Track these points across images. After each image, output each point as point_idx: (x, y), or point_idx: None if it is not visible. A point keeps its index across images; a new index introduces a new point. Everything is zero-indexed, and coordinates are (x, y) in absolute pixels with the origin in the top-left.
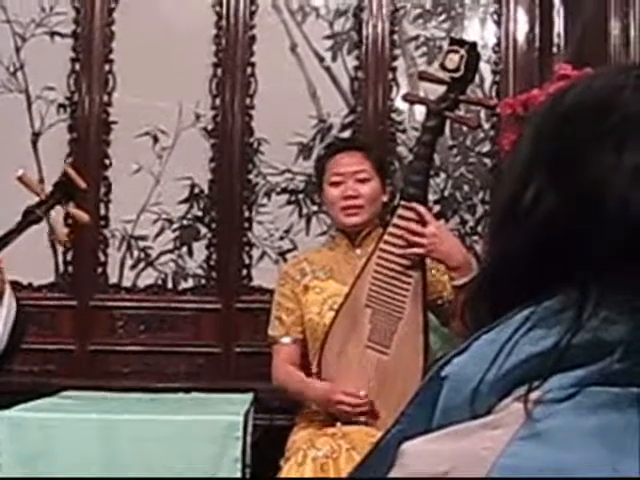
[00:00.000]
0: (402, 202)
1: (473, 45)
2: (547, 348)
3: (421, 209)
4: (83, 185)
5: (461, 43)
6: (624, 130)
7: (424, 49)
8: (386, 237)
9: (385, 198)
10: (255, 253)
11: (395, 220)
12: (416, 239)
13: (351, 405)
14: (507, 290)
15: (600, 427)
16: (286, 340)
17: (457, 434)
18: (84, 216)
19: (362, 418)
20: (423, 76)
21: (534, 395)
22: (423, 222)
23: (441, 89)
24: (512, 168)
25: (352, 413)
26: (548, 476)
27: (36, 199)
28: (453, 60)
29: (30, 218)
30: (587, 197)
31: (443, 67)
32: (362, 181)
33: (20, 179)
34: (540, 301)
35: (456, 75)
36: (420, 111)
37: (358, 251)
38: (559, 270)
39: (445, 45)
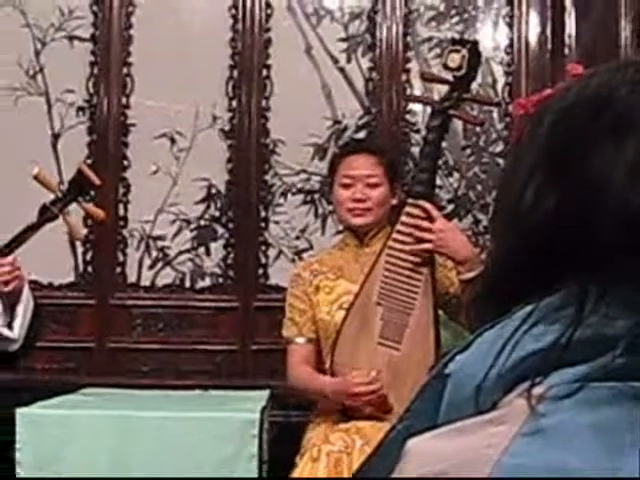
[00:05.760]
0: (409, 200)
1: (474, 44)
2: (548, 344)
3: (428, 206)
4: (97, 181)
5: (463, 42)
6: (621, 128)
7: (437, 51)
8: (395, 235)
9: (394, 201)
10: (272, 252)
11: (403, 218)
12: (424, 235)
13: (368, 392)
14: (510, 288)
15: (602, 423)
16: (300, 340)
17: (461, 431)
18: (100, 213)
19: (377, 394)
20: (426, 77)
21: (537, 391)
22: (430, 218)
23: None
24: (514, 167)
25: (370, 400)
26: (549, 476)
27: (52, 196)
28: (455, 59)
29: (46, 215)
30: (587, 195)
31: (446, 67)
32: (372, 186)
33: (36, 177)
34: (542, 298)
35: (458, 74)
36: None
37: (367, 250)
38: (561, 267)
39: None
